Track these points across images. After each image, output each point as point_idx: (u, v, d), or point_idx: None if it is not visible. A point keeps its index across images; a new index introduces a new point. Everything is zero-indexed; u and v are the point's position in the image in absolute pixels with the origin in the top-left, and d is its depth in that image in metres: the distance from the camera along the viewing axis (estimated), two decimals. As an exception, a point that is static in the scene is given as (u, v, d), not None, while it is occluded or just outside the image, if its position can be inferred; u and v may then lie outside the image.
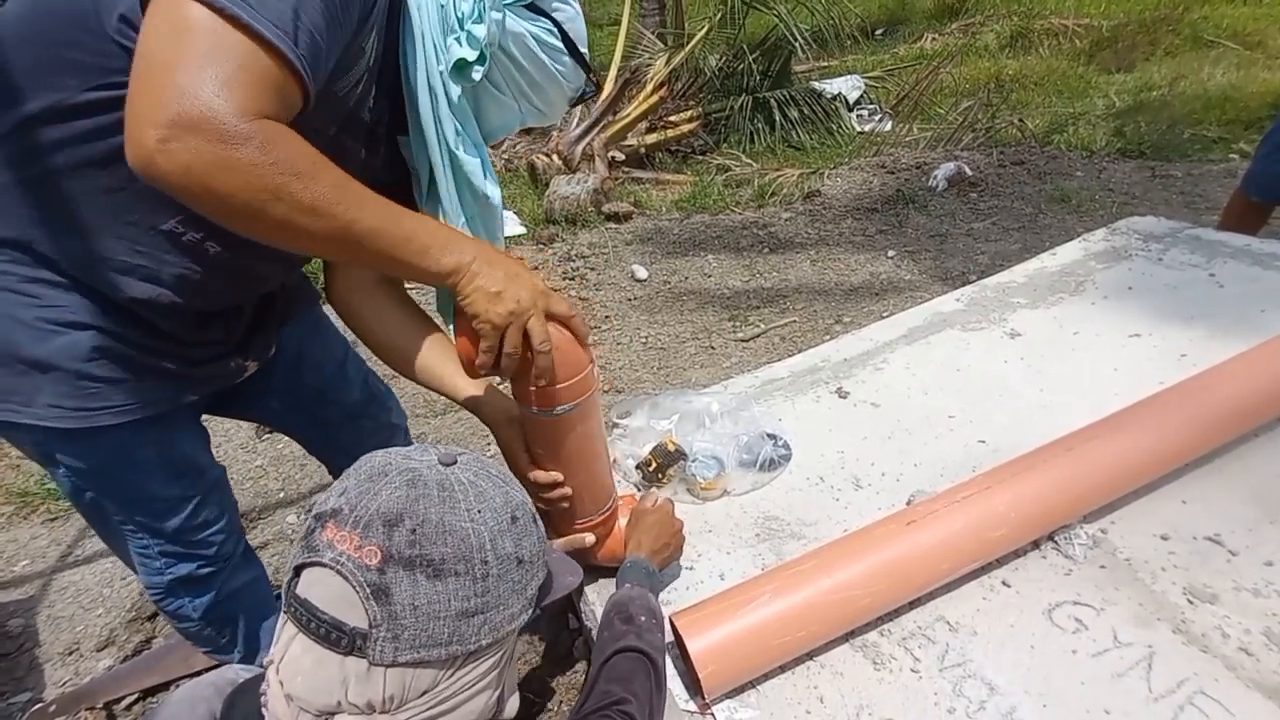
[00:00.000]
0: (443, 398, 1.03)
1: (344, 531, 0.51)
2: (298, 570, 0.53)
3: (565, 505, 0.96)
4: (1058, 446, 1.06)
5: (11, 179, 0.74)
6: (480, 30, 0.80)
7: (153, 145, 0.58)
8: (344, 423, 1.23)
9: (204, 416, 1.06)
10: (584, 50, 0.92)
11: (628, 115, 4.66)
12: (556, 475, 0.93)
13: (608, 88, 4.83)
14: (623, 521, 1.04)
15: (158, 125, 0.57)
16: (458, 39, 0.80)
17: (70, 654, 1.64)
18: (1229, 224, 2.12)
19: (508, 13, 0.84)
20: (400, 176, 0.95)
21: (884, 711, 0.86)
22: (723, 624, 0.87)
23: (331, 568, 0.51)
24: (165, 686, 1.49)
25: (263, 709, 0.54)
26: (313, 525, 0.54)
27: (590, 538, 0.99)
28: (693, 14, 6.67)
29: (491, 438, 1.02)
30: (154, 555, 1.01)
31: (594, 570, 1.06)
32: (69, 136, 0.72)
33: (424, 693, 0.52)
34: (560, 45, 0.90)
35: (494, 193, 0.93)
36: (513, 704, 0.61)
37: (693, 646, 0.85)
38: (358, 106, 0.81)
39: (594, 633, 1.05)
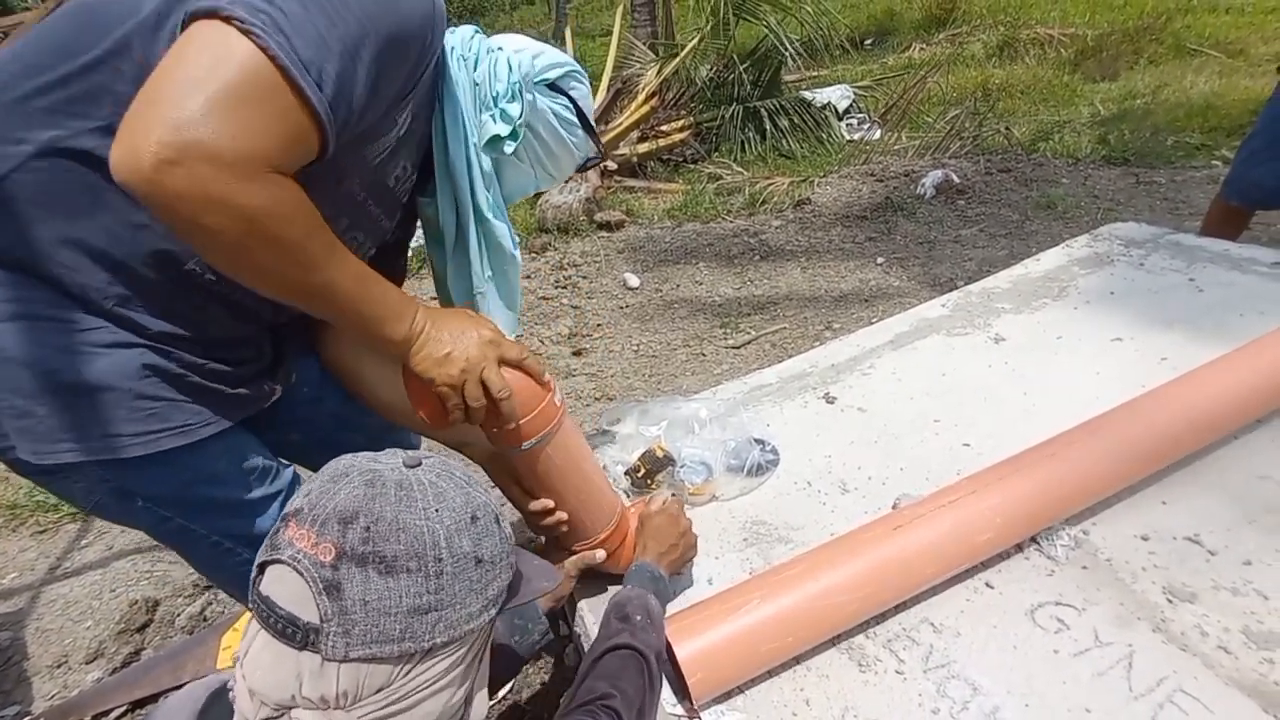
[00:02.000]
0: None
1: (302, 530, 0.52)
2: (261, 568, 0.54)
3: (565, 529, 0.98)
4: (1041, 450, 1.08)
5: (33, 205, 0.70)
6: (515, 109, 0.88)
7: (151, 158, 0.55)
8: (365, 449, 1.22)
9: None
10: (592, 122, 1.01)
11: (619, 124, 4.69)
12: (547, 502, 0.95)
13: (600, 96, 4.87)
14: (634, 525, 1.04)
15: (165, 142, 0.55)
16: (492, 116, 0.88)
17: (59, 666, 1.63)
18: (1210, 230, 2.15)
19: (536, 92, 0.92)
20: (404, 235, 1.06)
21: (869, 713, 0.86)
22: (711, 630, 0.88)
23: (289, 565, 0.52)
24: (154, 698, 1.48)
25: (232, 702, 0.55)
26: (278, 525, 0.55)
27: (601, 554, 0.99)
28: (683, 24, 6.73)
29: None
30: None
31: (603, 579, 1.06)
32: (93, 166, 0.68)
33: (379, 690, 0.52)
34: (575, 120, 0.98)
35: (517, 254, 1.04)
36: (480, 707, 0.61)
37: (681, 653, 0.86)
38: (384, 173, 0.85)
39: (583, 639, 1.06)
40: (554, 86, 0.95)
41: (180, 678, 1.46)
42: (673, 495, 1.08)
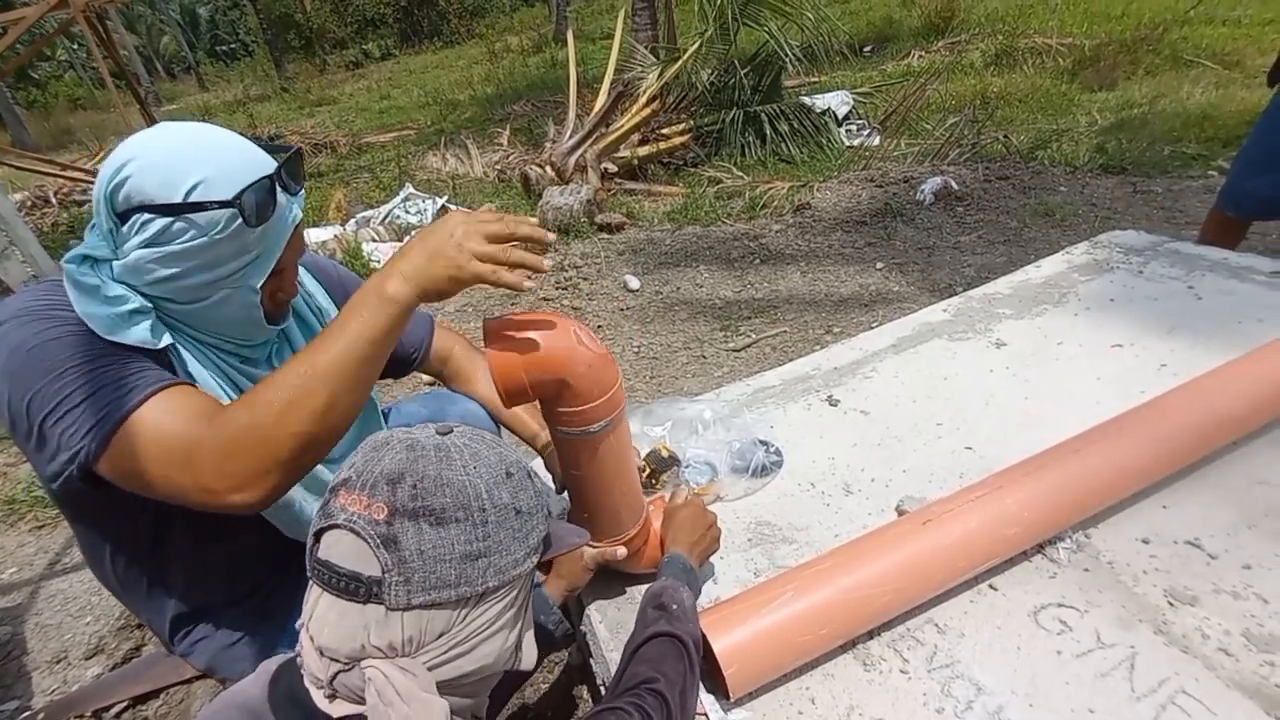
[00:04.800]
0: None
1: (353, 495, 0.56)
2: (317, 536, 0.58)
3: (600, 523, 0.98)
4: (1065, 449, 1.08)
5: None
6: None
7: (219, 500, 0.73)
8: None
9: None
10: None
11: (620, 127, 4.70)
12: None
13: (600, 100, 4.89)
14: (656, 524, 1.05)
15: (204, 491, 0.73)
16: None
17: (58, 662, 1.63)
18: (1207, 241, 2.17)
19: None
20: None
21: (874, 711, 0.87)
22: (745, 623, 0.88)
23: (345, 527, 0.55)
24: (155, 694, 1.48)
25: (300, 669, 0.59)
26: (328, 497, 0.58)
27: (622, 550, 0.99)
28: (684, 29, 6.75)
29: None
30: None
31: (613, 582, 1.07)
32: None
33: (440, 635, 0.57)
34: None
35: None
36: (529, 651, 0.66)
37: (717, 645, 0.86)
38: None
39: (588, 637, 1.06)
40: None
41: (182, 674, 1.45)
42: (690, 492, 1.09)
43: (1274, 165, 2.03)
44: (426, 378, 1.80)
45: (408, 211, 4.26)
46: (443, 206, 4.26)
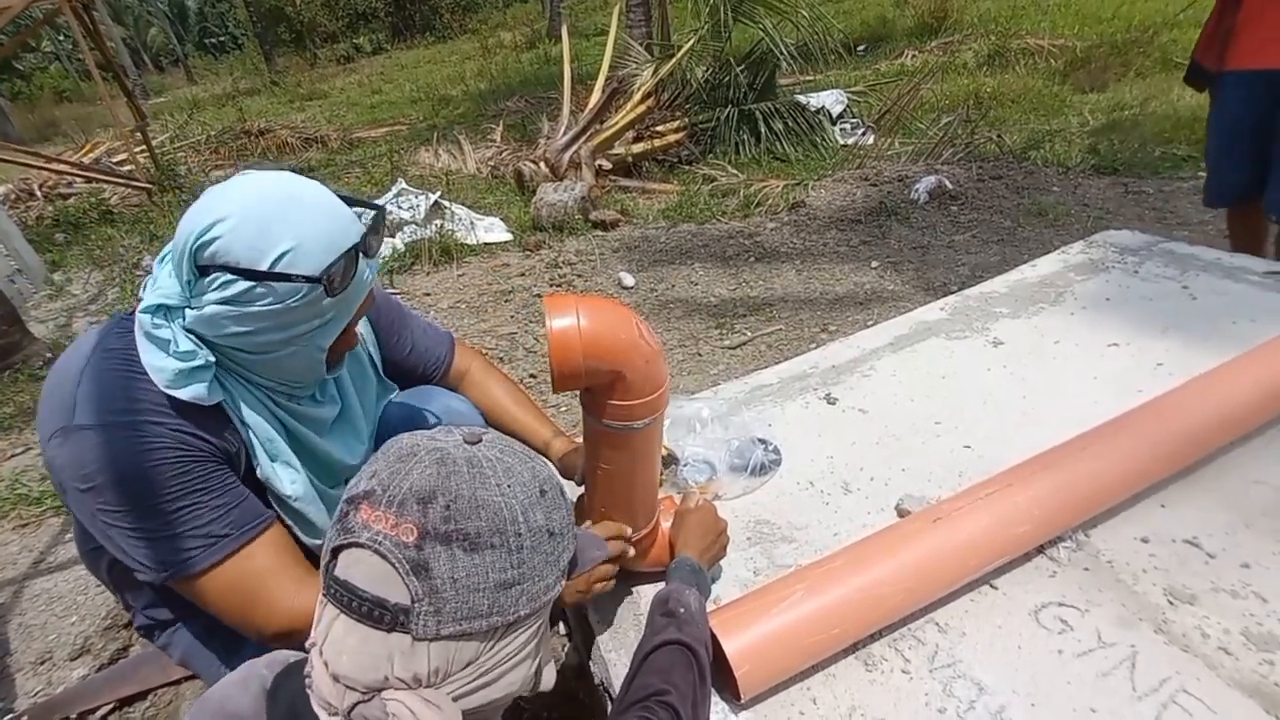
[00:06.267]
0: None
1: (379, 511, 0.52)
2: (335, 553, 0.53)
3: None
4: (1072, 447, 1.08)
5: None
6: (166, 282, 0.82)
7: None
8: None
9: None
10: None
11: (615, 124, 4.69)
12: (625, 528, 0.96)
13: (594, 97, 4.87)
14: (666, 524, 1.04)
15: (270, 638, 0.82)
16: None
17: (43, 663, 1.60)
18: (1239, 244, 2.23)
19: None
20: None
21: (876, 712, 0.86)
22: (756, 623, 0.87)
23: (369, 547, 0.51)
24: (143, 696, 1.45)
25: (308, 690, 0.55)
26: (346, 509, 0.54)
27: (630, 550, 0.98)
28: (679, 26, 6.75)
29: None
30: None
31: (627, 579, 1.05)
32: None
33: (468, 664, 0.53)
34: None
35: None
36: (549, 674, 0.62)
37: (728, 646, 0.85)
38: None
39: (586, 638, 1.05)
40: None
41: (169, 675, 1.43)
42: (702, 496, 1.08)
43: (1235, 151, 2.13)
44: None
45: (400, 207, 4.23)
46: (435, 202, 4.23)
